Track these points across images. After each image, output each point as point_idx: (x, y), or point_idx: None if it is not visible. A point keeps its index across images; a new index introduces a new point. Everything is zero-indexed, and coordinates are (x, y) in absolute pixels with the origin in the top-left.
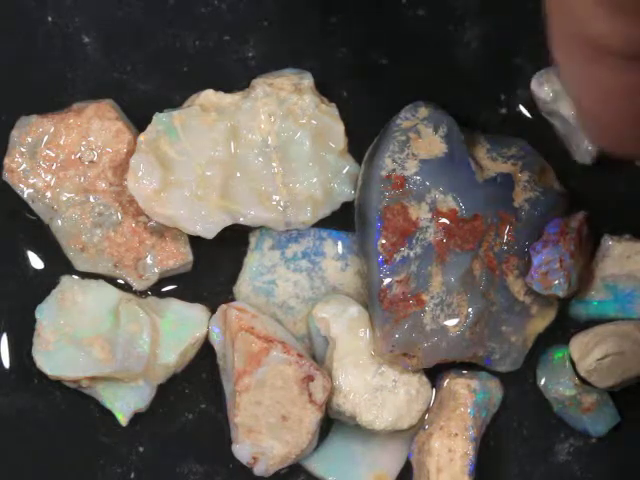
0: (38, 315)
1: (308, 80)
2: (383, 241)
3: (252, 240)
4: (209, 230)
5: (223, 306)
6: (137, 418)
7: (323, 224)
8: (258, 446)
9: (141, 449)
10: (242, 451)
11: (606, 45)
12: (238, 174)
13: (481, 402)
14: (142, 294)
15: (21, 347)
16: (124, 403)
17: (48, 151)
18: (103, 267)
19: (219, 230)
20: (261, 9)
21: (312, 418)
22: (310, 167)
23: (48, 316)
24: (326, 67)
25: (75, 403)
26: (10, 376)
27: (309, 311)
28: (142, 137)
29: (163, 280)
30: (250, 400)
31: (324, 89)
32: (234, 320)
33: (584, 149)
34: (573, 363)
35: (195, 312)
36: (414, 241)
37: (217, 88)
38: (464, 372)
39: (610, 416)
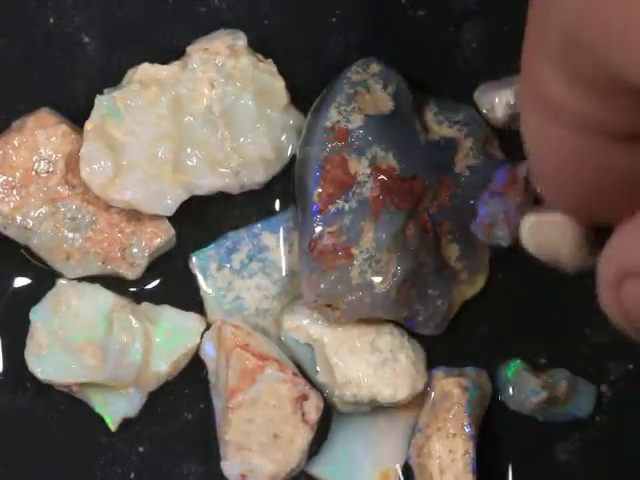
0: (32, 317)
1: (242, 40)
2: (319, 190)
3: (196, 272)
4: (168, 207)
5: (217, 322)
6: (137, 419)
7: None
8: (248, 464)
9: (141, 449)
10: (231, 469)
11: (560, 109)
12: (187, 146)
13: (474, 399)
14: (137, 300)
15: (21, 347)
16: (114, 409)
17: (3, 176)
18: (93, 268)
19: (177, 206)
20: (261, 9)
21: (304, 438)
22: (257, 128)
23: (42, 318)
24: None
25: (74, 403)
26: (8, 376)
27: (282, 307)
28: (88, 126)
29: (158, 285)
30: (242, 417)
31: (259, 45)
32: (229, 337)
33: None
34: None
35: (190, 321)
36: (350, 194)
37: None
38: (450, 370)
39: (586, 390)
